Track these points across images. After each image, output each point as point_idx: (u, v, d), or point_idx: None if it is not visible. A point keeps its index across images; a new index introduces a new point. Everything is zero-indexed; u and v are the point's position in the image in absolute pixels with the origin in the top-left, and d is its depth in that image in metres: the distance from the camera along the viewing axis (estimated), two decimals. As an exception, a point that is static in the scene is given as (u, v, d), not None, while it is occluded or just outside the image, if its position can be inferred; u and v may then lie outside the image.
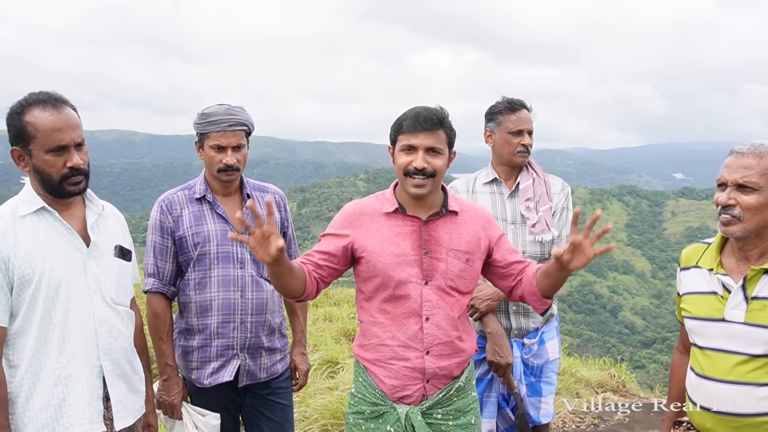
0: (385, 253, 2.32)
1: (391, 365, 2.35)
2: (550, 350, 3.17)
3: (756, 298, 2.09)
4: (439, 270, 2.34)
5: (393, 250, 2.32)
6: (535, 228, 3.06)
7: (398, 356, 2.34)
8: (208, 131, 2.73)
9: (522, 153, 3.09)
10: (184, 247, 2.76)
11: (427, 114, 2.26)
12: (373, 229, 2.35)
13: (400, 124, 2.31)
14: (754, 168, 2.04)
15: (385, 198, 2.40)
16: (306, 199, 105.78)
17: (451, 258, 2.35)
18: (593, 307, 74.48)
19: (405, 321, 2.34)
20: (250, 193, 2.89)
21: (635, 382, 7.06)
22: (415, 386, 2.34)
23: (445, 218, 2.38)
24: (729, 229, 2.10)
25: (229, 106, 2.77)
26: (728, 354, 2.12)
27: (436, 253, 2.34)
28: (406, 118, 2.29)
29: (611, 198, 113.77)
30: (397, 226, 2.35)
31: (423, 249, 2.34)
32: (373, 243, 2.33)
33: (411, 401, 2.34)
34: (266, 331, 2.85)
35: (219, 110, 2.74)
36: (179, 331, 2.85)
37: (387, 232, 2.34)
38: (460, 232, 2.38)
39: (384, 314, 2.36)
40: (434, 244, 2.34)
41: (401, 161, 2.28)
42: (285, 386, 2.98)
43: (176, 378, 2.77)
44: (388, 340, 2.35)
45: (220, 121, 2.71)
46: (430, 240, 2.34)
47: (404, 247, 2.33)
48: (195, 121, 2.78)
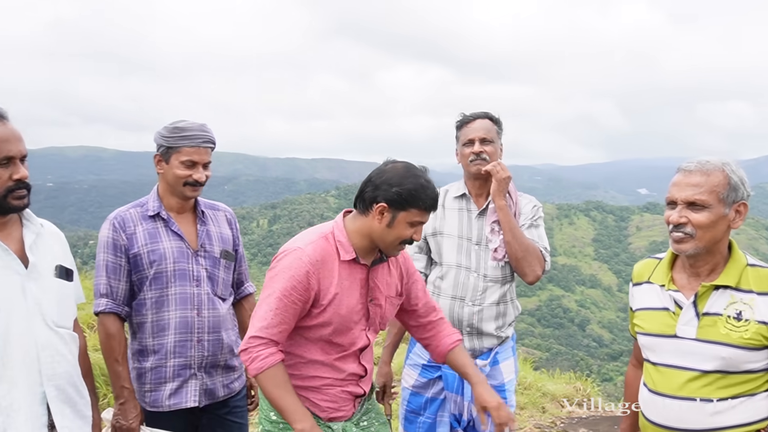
0: (343, 304, 2.29)
1: (327, 390, 2.36)
2: (504, 371, 3.09)
3: (707, 314, 2.10)
4: (378, 315, 2.41)
5: (348, 301, 2.30)
6: (497, 253, 3.03)
7: (336, 384, 2.37)
8: (181, 146, 2.68)
9: (475, 162, 3.03)
10: (139, 266, 2.70)
11: (438, 198, 2.31)
12: (333, 278, 2.27)
13: (419, 199, 2.23)
14: (703, 186, 2.06)
15: (340, 244, 2.30)
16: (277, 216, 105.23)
17: (388, 305, 2.43)
18: (561, 321, 75.13)
19: (345, 361, 2.37)
20: (204, 211, 2.86)
21: (601, 395, 7.12)
22: (348, 406, 2.41)
23: (383, 264, 2.42)
24: (682, 246, 2.11)
25: (199, 123, 2.75)
26: (680, 370, 2.13)
27: (378, 300, 2.39)
28: (428, 197, 2.24)
29: (578, 213, 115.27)
30: (351, 274, 2.32)
31: (369, 296, 2.36)
32: (333, 294, 2.27)
33: (343, 418, 2.39)
34: (223, 349, 2.81)
35: (193, 126, 2.71)
36: (132, 353, 2.78)
37: (345, 283, 2.30)
38: (392, 276, 2.46)
39: (324, 355, 2.35)
40: (377, 291, 2.39)
41: (406, 233, 2.27)
42: (242, 405, 2.94)
43: (133, 401, 2.68)
44: (325, 373, 2.36)
45: (195, 136, 2.68)
46: (374, 287, 2.38)
47: (356, 296, 2.33)
48: (163, 134, 2.72)
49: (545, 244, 3.06)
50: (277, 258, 2.30)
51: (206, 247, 2.79)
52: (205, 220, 2.84)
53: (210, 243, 2.81)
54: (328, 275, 2.26)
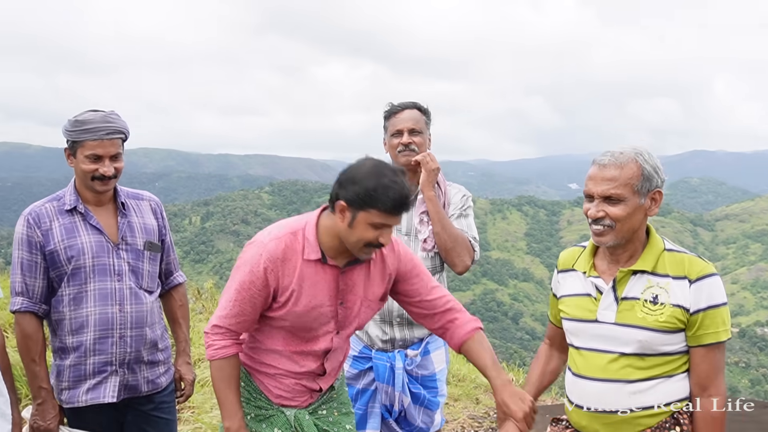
0: (301, 303, 2.22)
1: (282, 380, 2.33)
2: (435, 360, 3.11)
3: (625, 298, 2.17)
4: (352, 319, 2.33)
5: (308, 301, 2.23)
6: (426, 243, 3.03)
7: (291, 377, 2.33)
8: (83, 139, 2.57)
9: (403, 153, 3.02)
10: (56, 262, 2.59)
11: (406, 200, 2.11)
12: (292, 275, 2.21)
13: (378, 200, 2.08)
14: (618, 179, 2.11)
15: (307, 241, 2.22)
16: (210, 213, 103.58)
17: (365, 308, 2.33)
18: (495, 315, 76.60)
19: (305, 358, 2.32)
20: (125, 202, 2.76)
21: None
22: (303, 398, 2.37)
23: (361, 266, 2.30)
24: (602, 239, 2.17)
25: (104, 112, 2.63)
26: (601, 353, 2.20)
27: (350, 303, 2.30)
28: (389, 199, 2.07)
29: (511, 208, 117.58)
30: (316, 273, 2.23)
31: (339, 299, 2.28)
32: (292, 291, 2.21)
33: (297, 406, 2.36)
34: (147, 344, 2.73)
35: (95, 117, 2.58)
36: (53, 351, 2.69)
37: (306, 281, 2.22)
38: (374, 280, 2.33)
39: (285, 346, 2.31)
40: (350, 294, 2.29)
41: (368, 235, 2.11)
42: (169, 400, 2.87)
43: (52, 401, 2.61)
44: (282, 365, 2.32)
45: (97, 129, 2.56)
46: (346, 290, 2.28)
47: (321, 297, 2.24)
48: (66, 128, 2.61)
49: (474, 234, 3.08)
50: (246, 246, 2.28)
51: (128, 239, 2.70)
52: (127, 212, 2.74)
53: (132, 235, 2.72)
54: (288, 273, 2.19)
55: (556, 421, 2.44)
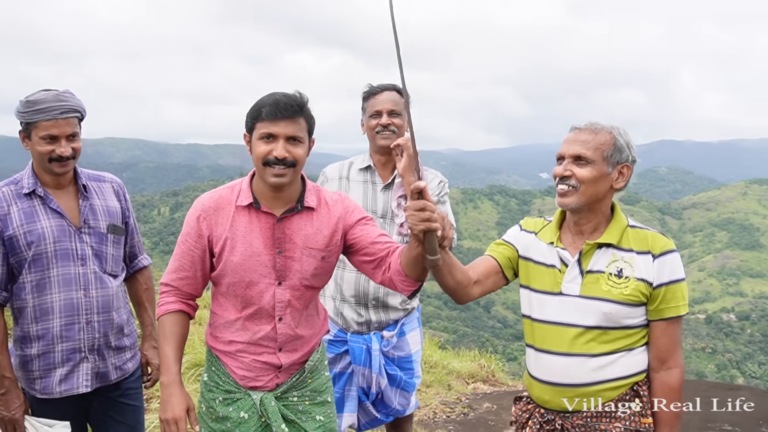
0: (236, 252, 2.21)
1: (242, 358, 2.31)
2: (411, 342, 3.15)
3: (590, 271, 2.21)
4: (293, 269, 2.26)
5: (245, 249, 2.21)
6: (403, 228, 3.01)
7: (249, 351, 2.30)
8: (37, 120, 2.49)
9: (383, 134, 3.01)
10: (15, 248, 2.52)
11: (287, 101, 2.13)
12: (225, 224, 2.23)
13: (259, 111, 2.14)
14: (590, 143, 2.17)
15: (241, 189, 2.27)
16: (179, 203, 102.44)
17: (306, 257, 2.27)
18: (467, 303, 76.94)
19: (257, 322, 2.29)
20: (86, 184, 2.69)
21: (504, 371, 7.32)
22: (267, 377, 2.33)
23: (300, 215, 2.27)
24: (565, 200, 2.20)
25: (57, 91, 2.55)
26: (565, 327, 2.22)
27: (289, 252, 2.25)
28: (264, 104, 2.14)
29: (482, 197, 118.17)
30: (250, 222, 2.23)
31: (276, 248, 2.24)
32: (225, 239, 2.22)
33: (264, 389, 2.33)
34: (114, 329, 2.68)
35: (47, 96, 2.50)
36: (14, 340, 2.62)
37: (240, 229, 2.22)
38: (317, 228, 2.28)
39: (236, 312, 2.29)
40: (288, 243, 2.25)
41: (260, 150, 2.13)
42: (136, 387, 2.83)
43: (15, 391, 2.54)
44: (238, 337, 2.30)
45: (50, 108, 2.48)
46: (283, 238, 2.25)
47: (257, 246, 2.22)
48: (18, 110, 2.53)
49: (452, 221, 3.06)
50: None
51: (90, 222, 2.64)
52: (88, 195, 2.67)
53: (95, 218, 2.65)
54: (222, 222, 2.24)
55: (518, 399, 2.45)
